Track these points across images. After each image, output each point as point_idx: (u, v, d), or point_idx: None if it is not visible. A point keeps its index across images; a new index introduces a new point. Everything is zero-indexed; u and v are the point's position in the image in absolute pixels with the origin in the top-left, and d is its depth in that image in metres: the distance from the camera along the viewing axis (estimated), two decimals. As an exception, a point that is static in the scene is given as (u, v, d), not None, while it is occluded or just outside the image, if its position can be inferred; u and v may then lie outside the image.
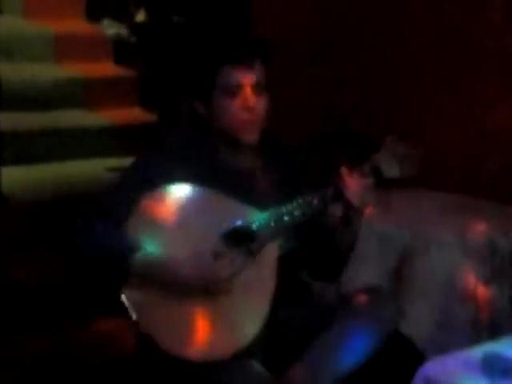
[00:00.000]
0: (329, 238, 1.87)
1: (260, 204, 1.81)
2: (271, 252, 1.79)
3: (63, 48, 4.45)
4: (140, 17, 4.32)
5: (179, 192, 1.77)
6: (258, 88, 1.81)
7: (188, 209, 1.76)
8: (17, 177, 3.66)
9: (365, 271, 2.46)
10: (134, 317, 1.67)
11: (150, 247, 1.70)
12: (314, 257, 1.91)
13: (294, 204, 1.79)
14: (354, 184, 1.80)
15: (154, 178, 1.75)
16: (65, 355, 2.45)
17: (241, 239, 1.73)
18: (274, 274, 1.79)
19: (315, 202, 1.79)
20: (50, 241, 3.14)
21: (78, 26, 4.69)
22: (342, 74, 3.45)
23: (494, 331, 2.36)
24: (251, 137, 1.82)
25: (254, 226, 1.75)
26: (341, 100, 3.46)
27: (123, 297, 1.68)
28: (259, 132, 1.82)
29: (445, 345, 2.31)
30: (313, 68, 3.57)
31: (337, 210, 1.85)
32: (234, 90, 1.79)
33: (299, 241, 1.86)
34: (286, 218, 1.77)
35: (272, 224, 1.77)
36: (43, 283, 2.84)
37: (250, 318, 1.74)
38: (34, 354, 2.43)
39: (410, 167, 1.87)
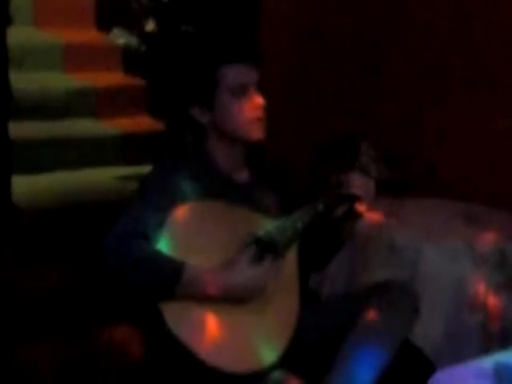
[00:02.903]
0: (330, 230, 1.93)
1: (265, 213, 1.85)
2: (291, 257, 1.83)
3: (73, 57, 4.47)
4: (149, 26, 4.34)
5: (197, 208, 1.78)
6: (258, 87, 1.84)
7: (208, 223, 1.77)
8: (27, 186, 3.68)
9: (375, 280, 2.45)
10: (170, 325, 1.65)
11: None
12: (312, 249, 1.96)
13: (303, 210, 1.83)
14: (363, 183, 1.86)
15: (174, 197, 1.75)
16: (72, 364, 2.45)
17: (265, 248, 1.75)
18: (296, 278, 1.84)
19: (320, 208, 1.84)
20: (59, 250, 3.16)
21: (88, 35, 4.72)
22: (347, 79, 3.46)
23: (504, 340, 2.35)
24: (260, 135, 1.84)
25: (274, 234, 1.77)
26: (347, 104, 3.46)
27: (160, 306, 1.66)
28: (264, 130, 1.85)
29: (455, 354, 2.30)
30: (315, 80, 3.58)
31: (341, 207, 1.91)
32: (240, 90, 1.81)
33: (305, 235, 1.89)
34: (299, 225, 1.81)
35: (289, 231, 1.79)
36: (51, 292, 2.84)
37: (283, 324, 1.77)
38: (40, 363, 2.44)
39: (384, 169, 1.93)
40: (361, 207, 1.88)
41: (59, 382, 2.37)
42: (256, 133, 1.83)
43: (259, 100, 1.83)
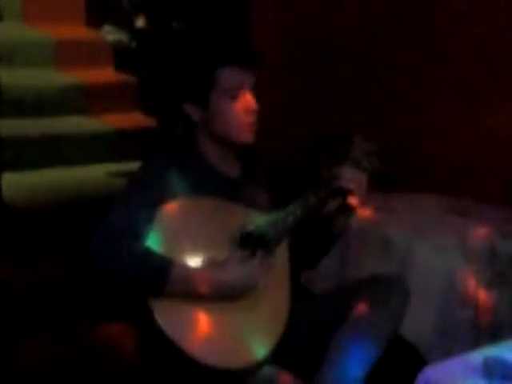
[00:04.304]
0: (323, 225, 1.92)
1: (255, 209, 1.84)
2: (282, 252, 1.83)
3: (63, 54, 4.46)
4: (140, 23, 4.32)
5: (187, 204, 1.77)
6: (253, 90, 1.83)
7: (198, 218, 1.77)
8: (17, 183, 3.67)
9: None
10: (159, 322, 1.64)
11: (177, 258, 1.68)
12: (305, 245, 1.96)
13: (294, 205, 1.83)
14: (355, 177, 1.86)
15: (162, 194, 1.74)
16: (66, 361, 2.45)
17: (255, 243, 1.74)
18: (287, 273, 1.83)
19: (312, 202, 1.84)
20: (49, 247, 3.15)
21: (78, 32, 4.71)
22: (340, 77, 3.46)
23: (494, 335, 2.36)
24: (250, 138, 1.84)
25: (265, 229, 1.77)
26: (339, 103, 3.47)
27: (150, 304, 1.65)
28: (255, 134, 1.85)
29: (445, 349, 2.31)
30: (307, 79, 3.58)
31: (333, 202, 1.90)
32: (235, 92, 1.80)
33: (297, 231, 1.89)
34: (290, 219, 1.80)
35: (279, 225, 1.79)
36: (41, 289, 2.84)
37: (274, 319, 1.76)
38: (33, 359, 2.43)
39: (376, 163, 1.92)
40: (353, 201, 1.88)
41: (53, 379, 2.36)
42: (246, 136, 1.83)
43: (253, 104, 1.82)
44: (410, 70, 3.20)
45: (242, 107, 1.81)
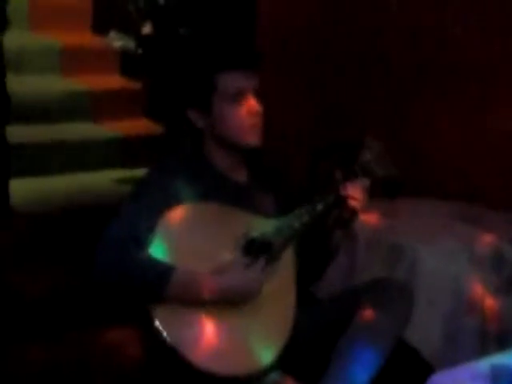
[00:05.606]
0: (324, 239, 1.91)
1: (262, 214, 1.84)
2: (287, 257, 1.82)
3: (70, 60, 4.47)
4: (146, 29, 4.34)
5: (192, 209, 1.77)
6: (257, 93, 1.83)
7: (203, 224, 1.77)
8: (24, 189, 3.68)
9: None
10: (161, 330, 1.64)
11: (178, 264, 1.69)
12: (308, 259, 1.95)
13: (301, 211, 1.82)
14: (355, 191, 1.85)
15: (168, 200, 1.75)
16: (70, 366, 2.45)
17: (260, 249, 1.74)
18: (293, 278, 1.83)
19: (319, 207, 1.83)
20: (56, 253, 3.16)
21: (85, 38, 4.72)
22: (342, 76, 3.46)
23: (502, 342, 2.35)
24: (257, 140, 1.84)
25: (270, 235, 1.77)
26: (341, 101, 3.47)
27: (151, 310, 1.65)
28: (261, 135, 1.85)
29: (452, 355, 2.30)
30: (314, 77, 3.59)
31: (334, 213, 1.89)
32: (238, 96, 1.80)
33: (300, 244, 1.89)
34: (296, 225, 1.80)
35: (285, 231, 1.79)
36: (49, 294, 2.84)
37: (279, 325, 1.76)
38: (38, 365, 2.44)
39: (388, 165, 1.92)
40: (353, 214, 1.87)
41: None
42: (252, 139, 1.83)
43: (256, 106, 1.82)
44: (408, 71, 3.20)
45: (246, 111, 1.81)
